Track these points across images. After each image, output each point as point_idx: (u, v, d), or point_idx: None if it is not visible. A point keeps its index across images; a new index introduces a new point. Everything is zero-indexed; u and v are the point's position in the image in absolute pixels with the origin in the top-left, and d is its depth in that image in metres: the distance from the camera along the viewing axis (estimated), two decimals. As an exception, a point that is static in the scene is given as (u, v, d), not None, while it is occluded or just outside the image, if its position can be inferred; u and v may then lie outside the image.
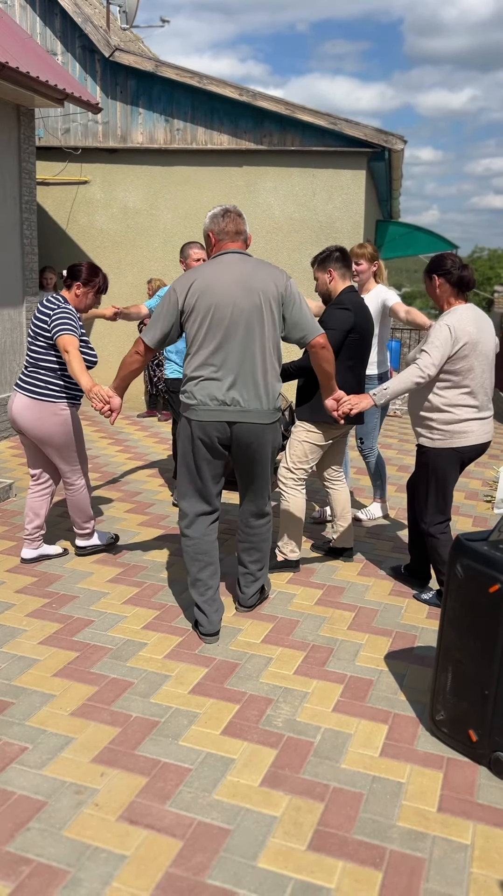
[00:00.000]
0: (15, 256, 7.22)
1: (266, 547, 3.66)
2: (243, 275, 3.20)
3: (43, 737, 2.64)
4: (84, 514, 4.23)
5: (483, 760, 2.60)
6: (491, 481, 6.67)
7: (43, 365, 3.92)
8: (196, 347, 3.22)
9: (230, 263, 3.23)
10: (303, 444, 4.10)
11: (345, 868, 2.12)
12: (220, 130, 8.43)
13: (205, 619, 3.39)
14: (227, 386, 3.21)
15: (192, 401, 3.24)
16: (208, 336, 3.19)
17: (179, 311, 3.23)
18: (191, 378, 3.25)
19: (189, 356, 3.27)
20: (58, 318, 3.83)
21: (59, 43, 8.62)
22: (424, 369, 3.49)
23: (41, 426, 3.93)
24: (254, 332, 3.20)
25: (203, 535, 3.42)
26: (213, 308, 3.16)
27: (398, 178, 10.39)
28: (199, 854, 2.15)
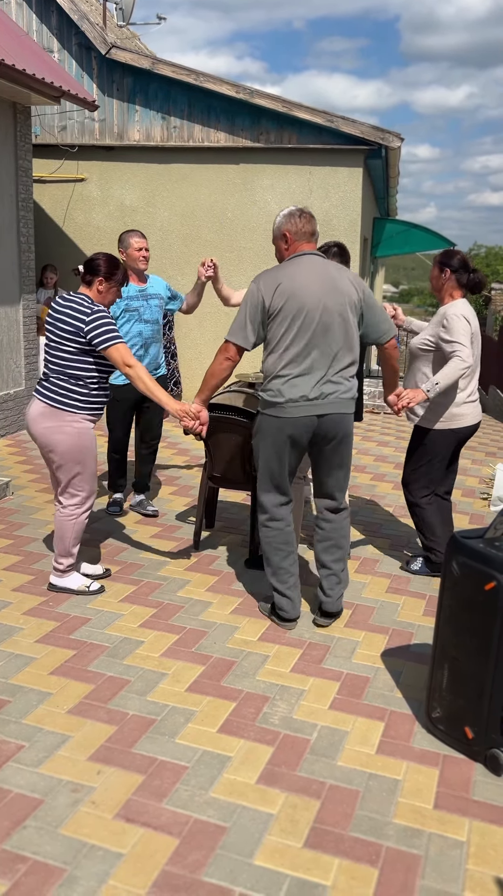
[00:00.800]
0: (11, 254, 7.21)
1: (346, 543, 3.65)
2: (328, 277, 3.31)
3: (39, 735, 2.64)
4: (64, 544, 3.74)
5: (479, 757, 2.61)
6: (488, 479, 6.67)
7: (70, 372, 3.55)
8: (283, 347, 3.29)
9: (314, 265, 3.32)
10: None
11: (341, 865, 2.13)
12: (217, 128, 8.42)
13: (289, 603, 3.50)
14: (315, 382, 3.30)
15: (281, 398, 3.31)
16: (297, 337, 3.27)
17: (266, 313, 3.29)
18: (278, 376, 3.32)
19: (273, 354, 3.33)
20: (99, 324, 3.48)
21: (55, 40, 8.60)
22: (466, 360, 3.76)
23: (50, 434, 3.56)
24: (340, 331, 3.31)
25: (285, 526, 3.52)
26: (302, 310, 3.25)
27: (395, 176, 10.39)
28: (195, 852, 2.15)
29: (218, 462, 4.40)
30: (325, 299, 3.27)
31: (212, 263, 4.46)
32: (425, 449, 4.01)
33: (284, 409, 3.31)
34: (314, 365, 3.30)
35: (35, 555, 4.29)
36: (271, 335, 3.31)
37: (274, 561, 3.52)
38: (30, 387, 7.60)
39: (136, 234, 4.67)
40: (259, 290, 3.29)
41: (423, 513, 4.09)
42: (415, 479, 4.11)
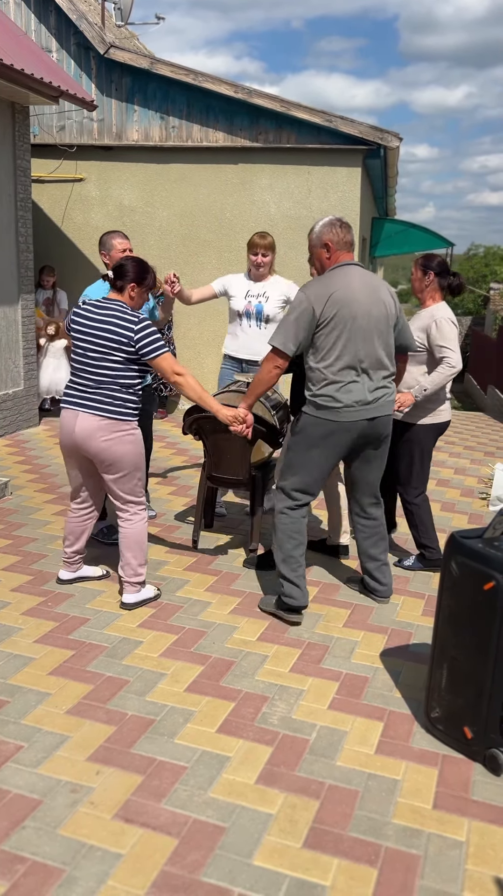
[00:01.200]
0: (10, 255, 7.20)
1: (386, 532, 3.90)
2: (371, 286, 3.48)
3: (38, 735, 2.64)
4: (142, 552, 3.66)
5: (478, 757, 2.61)
6: (486, 478, 6.68)
7: (122, 381, 3.45)
8: (335, 354, 3.41)
9: (357, 274, 3.48)
10: None
11: (340, 865, 2.13)
12: (216, 128, 8.42)
13: (298, 591, 3.56)
14: (368, 387, 3.48)
15: (336, 404, 3.44)
16: (349, 344, 3.41)
17: (315, 323, 3.40)
18: (332, 382, 3.43)
19: (324, 361, 3.43)
20: (147, 333, 3.43)
21: (53, 40, 8.59)
22: (455, 365, 4.01)
23: (113, 448, 3.45)
24: (384, 338, 3.50)
25: (301, 517, 3.61)
26: (352, 319, 3.39)
27: (394, 176, 10.39)
28: (194, 852, 2.15)
29: (217, 462, 4.39)
30: (371, 308, 3.44)
31: (174, 279, 4.42)
32: (412, 445, 4.19)
33: (340, 414, 3.45)
34: (365, 371, 3.47)
35: (34, 555, 4.28)
36: (321, 343, 3.42)
37: (286, 548, 3.59)
38: (29, 387, 7.60)
39: (118, 235, 4.47)
40: (308, 300, 3.39)
41: (419, 511, 4.24)
42: (409, 480, 4.23)
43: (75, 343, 3.50)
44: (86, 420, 3.46)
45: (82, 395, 3.49)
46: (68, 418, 3.52)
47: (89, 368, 3.47)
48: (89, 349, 3.46)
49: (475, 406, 17.69)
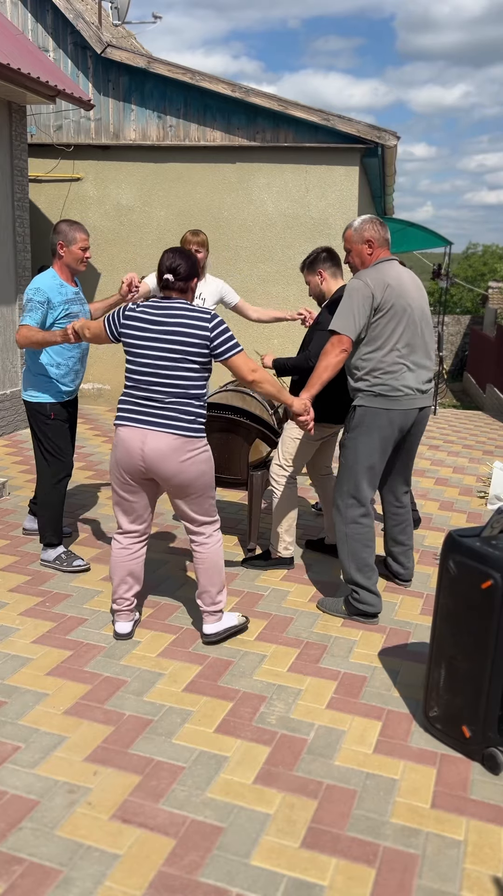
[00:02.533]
0: (7, 254, 7.20)
1: (411, 518, 4.03)
2: (415, 281, 3.64)
3: (36, 736, 2.63)
4: (220, 576, 3.31)
5: (476, 756, 2.60)
6: (485, 477, 6.68)
7: (193, 392, 3.07)
8: (392, 344, 3.50)
9: (403, 269, 3.63)
10: (296, 442, 4.10)
11: (338, 865, 2.12)
12: (213, 127, 8.41)
13: (376, 598, 3.64)
14: (420, 376, 3.60)
15: (395, 392, 3.52)
16: (404, 334, 3.52)
17: (373, 309, 3.47)
18: (388, 371, 3.51)
19: (380, 350, 3.50)
20: (222, 330, 3.07)
21: (50, 39, 8.58)
22: None
23: (190, 469, 3.08)
24: (428, 331, 3.64)
25: (372, 522, 3.65)
26: (406, 309, 3.51)
27: (391, 175, 10.38)
28: (192, 852, 2.14)
29: (215, 462, 4.39)
30: (420, 301, 3.60)
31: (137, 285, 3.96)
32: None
33: (399, 402, 3.54)
34: (418, 360, 3.58)
35: (31, 555, 4.28)
36: (377, 332, 3.49)
37: (363, 557, 3.60)
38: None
39: (81, 228, 3.97)
40: (368, 286, 3.45)
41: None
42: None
43: (135, 352, 3.07)
44: (158, 440, 3.03)
45: (149, 412, 3.06)
46: (132, 438, 3.06)
47: (158, 380, 3.04)
48: (159, 357, 3.03)
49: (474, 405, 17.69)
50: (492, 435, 9.62)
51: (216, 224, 8.66)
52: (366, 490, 3.58)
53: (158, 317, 3.06)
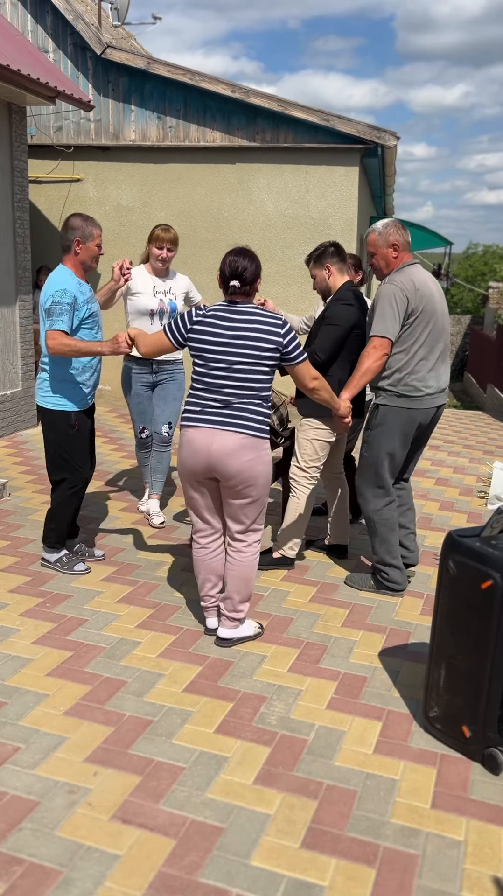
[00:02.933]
0: (8, 255, 7.20)
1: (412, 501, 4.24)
2: (434, 282, 3.80)
3: (36, 736, 2.63)
4: (248, 587, 3.30)
5: (476, 756, 2.60)
6: (485, 477, 6.67)
7: (263, 395, 3.13)
8: (419, 345, 3.68)
9: (425, 272, 3.79)
10: (313, 442, 4.08)
11: (338, 865, 2.12)
12: (213, 127, 8.41)
13: (402, 576, 3.96)
14: (442, 377, 3.80)
15: (418, 392, 3.72)
16: (430, 336, 3.70)
17: (407, 313, 3.63)
18: (412, 372, 3.70)
19: (407, 353, 3.69)
20: (293, 335, 3.12)
21: (50, 40, 8.59)
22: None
23: (253, 468, 3.10)
24: (447, 333, 3.83)
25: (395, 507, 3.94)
26: (433, 312, 3.69)
27: (391, 175, 10.38)
28: (192, 853, 2.14)
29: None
30: (441, 303, 3.76)
31: (128, 268, 4.01)
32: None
33: (421, 401, 3.74)
34: (441, 361, 3.77)
35: (32, 556, 4.28)
36: (406, 334, 3.66)
37: (391, 539, 3.89)
38: (27, 388, 7.59)
39: (96, 224, 3.90)
40: (404, 290, 3.61)
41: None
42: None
43: (207, 356, 3.09)
44: (227, 438, 3.07)
45: (221, 413, 3.09)
46: (201, 438, 3.09)
47: (232, 383, 3.08)
48: (234, 361, 3.06)
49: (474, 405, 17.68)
50: (493, 435, 9.62)
51: (216, 225, 8.66)
52: (388, 479, 3.85)
53: (232, 321, 3.09)
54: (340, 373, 4.02)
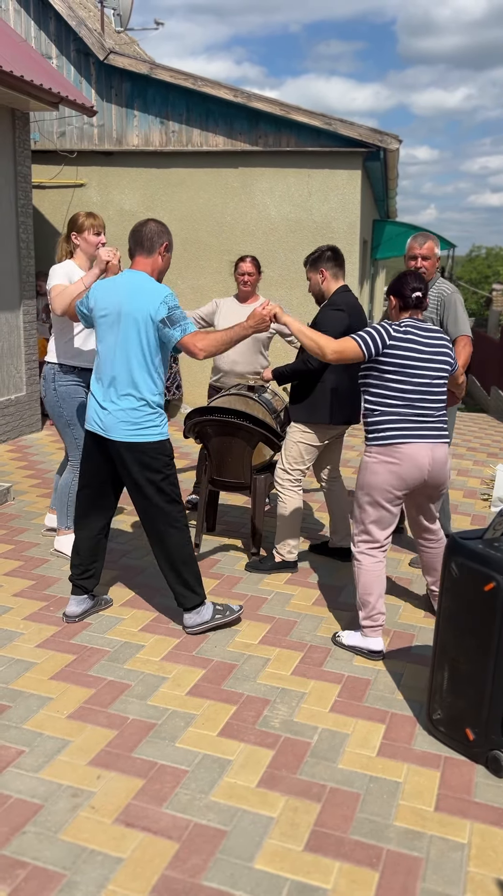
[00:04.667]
0: (11, 260, 7.23)
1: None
2: None
3: (40, 740, 2.64)
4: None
5: (480, 759, 2.60)
6: (488, 479, 6.67)
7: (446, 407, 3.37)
8: None
9: None
10: (299, 445, 4.10)
11: (341, 868, 2.12)
12: (216, 132, 8.44)
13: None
14: None
15: None
16: None
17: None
18: None
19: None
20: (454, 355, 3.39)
21: (53, 46, 8.62)
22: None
23: (446, 473, 3.32)
24: None
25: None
26: None
27: (394, 178, 10.39)
28: (195, 856, 2.14)
29: (218, 466, 4.39)
30: None
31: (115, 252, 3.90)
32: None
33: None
34: None
35: (35, 560, 4.29)
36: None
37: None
38: (31, 392, 7.61)
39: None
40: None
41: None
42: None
43: (408, 371, 3.16)
44: (440, 451, 3.22)
45: (427, 426, 3.20)
46: (422, 454, 3.16)
47: (431, 397, 3.21)
48: (433, 377, 3.20)
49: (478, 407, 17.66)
50: (496, 437, 9.60)
51: (219, 229, 8.68)
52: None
53: (427, 338, 3.24)
54: (335, 379, 4.03)
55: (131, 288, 3.26)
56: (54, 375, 4.09)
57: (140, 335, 3.23)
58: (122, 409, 3.27)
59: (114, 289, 3.30)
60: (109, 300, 3.30)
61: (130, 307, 3.23)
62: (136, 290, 3.25)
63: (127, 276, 3.32)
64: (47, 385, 4.12)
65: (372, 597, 3.29)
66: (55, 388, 4.09)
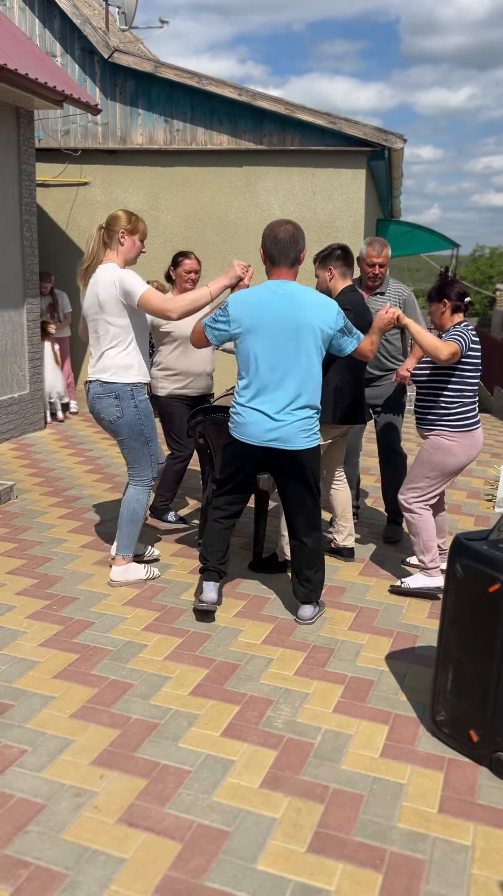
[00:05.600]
0: (15, 259, 7.22)
1: None
2: None
3: (42, 739, 2.63)
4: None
5: (484, 761, 2.59)
6: (492, 480, 6.65)
7: None
8: None
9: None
10: None
11: (345, 870, 2.11)
12: (220, 131, 8.42)
13: None
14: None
15: None
16: None
17: None
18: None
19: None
20: None
21: (58, 44, 8.62)
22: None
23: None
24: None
25: None
26: None
27: (398, 177, 10.37)
28: (198, 856, 2.14)
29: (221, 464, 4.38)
30: None
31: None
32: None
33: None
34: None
35: (39, 558, 4.28)
36: None
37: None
38: (34, 391, 7.61)
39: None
40: None
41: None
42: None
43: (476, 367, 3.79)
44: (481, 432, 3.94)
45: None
46: (480, 438, 3.87)
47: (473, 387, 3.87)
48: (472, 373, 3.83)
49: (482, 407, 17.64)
50: (500, 438, 9.58)
51: (223, 227, 8.67)
52: None
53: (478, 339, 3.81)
54: (337, 378, 4.02)
55: (301, 300, 3.33)
56: (132, 392, 3.80)
57: (316, 345, 3.37)
58: (301, 418, 3.40)
59: (277, 301, 3.32)
60: (276, 313, 3.31)
61: (309, 319, 3.31)
62: (307, 303, 3.34)
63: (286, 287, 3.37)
64: (125, 404, 3.78)
65: (433, 541, 3.91)
66: (136, 406, 3.81)
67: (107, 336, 3.77)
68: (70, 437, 7.51)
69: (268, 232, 3.39)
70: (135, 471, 3.95)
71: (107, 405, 3.79)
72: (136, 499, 3.94)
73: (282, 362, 3.33)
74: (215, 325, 3.43)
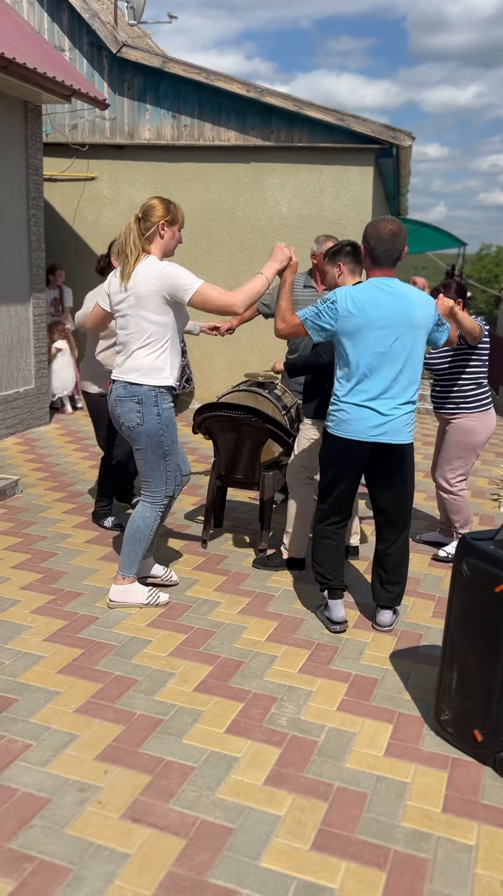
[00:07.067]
0: (22, 253, 7.22)
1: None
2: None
3: (47, 734, 2.64)
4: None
5: (488, 761, 2.59)
6: (498, 479, 6.64)
7: None
8: None
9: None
10: (311, 442, 4.09)
11: (348, 868, 2.11)
12: (228, 127, 8.41)
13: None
14: None
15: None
16: None
17: None
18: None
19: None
20: None
21: (66, 39, 8.61)
22: None
23: None
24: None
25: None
26: None
27: (405, 175, 10.35)
28: (201, 853, 2.14)
29: (226, 462, 4.38)
30: None
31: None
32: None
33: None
34: None
35: (43, 553, 4.29)
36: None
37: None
38: (40, 385, 7.61)
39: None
40: None
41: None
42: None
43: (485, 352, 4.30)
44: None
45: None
46: (494, 415, 4.37)
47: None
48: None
49: (486, 406, 17.62)
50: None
51: (230, 224, 8.66)
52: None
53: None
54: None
55: (409, 298, 3.33)
56: (156, 398, 3.47)
57: (423, 341, 3.39)
58: (406, 412, 3.38)
59: (387, 300, 3.30)
60: (388, 311, 3.29)
61: (418, 316, 3.31)
62: (415, 300, 3.33)
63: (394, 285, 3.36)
64: (146, 410, 3.46)
65: (471, 515, 4.49)
66: (159, 413, 3.48)
67: (140, 334, 3.44)
68: (75, 431, 7.52)
69: (371, 231, 3.36)
70: (147, 485, 3.62)
71: (127, 410, 3.47)
72: (143, 517, 3.62)
73: (392, 359, 3.30)
74: (320, 322, 3.36)
